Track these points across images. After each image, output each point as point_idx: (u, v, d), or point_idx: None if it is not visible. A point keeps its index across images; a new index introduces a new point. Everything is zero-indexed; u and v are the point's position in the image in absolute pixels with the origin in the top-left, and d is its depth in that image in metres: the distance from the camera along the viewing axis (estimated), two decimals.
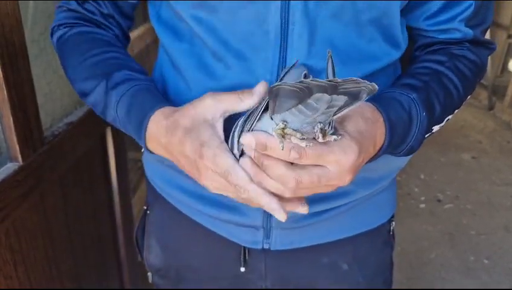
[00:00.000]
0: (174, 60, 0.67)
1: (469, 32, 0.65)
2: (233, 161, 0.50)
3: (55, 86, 1.00)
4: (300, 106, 0.40)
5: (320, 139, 0.44)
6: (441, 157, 3.24)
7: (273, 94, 0.41)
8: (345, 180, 0.49)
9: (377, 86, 0.39)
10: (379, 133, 0.54)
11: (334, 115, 0.42)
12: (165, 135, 0.55)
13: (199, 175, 0.53)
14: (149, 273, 0.89)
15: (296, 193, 0.49)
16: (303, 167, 0.47)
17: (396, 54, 0.64)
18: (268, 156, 0.47)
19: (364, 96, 0.39)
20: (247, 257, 0.76)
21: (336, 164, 0.47)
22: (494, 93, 3.99)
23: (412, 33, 0.69)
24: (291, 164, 0.48)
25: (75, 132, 1.03)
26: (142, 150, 0.82)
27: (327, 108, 0.39)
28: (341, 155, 0.47)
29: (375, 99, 0.58)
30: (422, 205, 2.68)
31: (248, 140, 0.47)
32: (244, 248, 0.75)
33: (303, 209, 0.53)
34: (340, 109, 0.41)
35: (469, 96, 0.68)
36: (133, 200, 1.48)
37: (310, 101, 0.39)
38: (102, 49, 0.66)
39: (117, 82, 0.62)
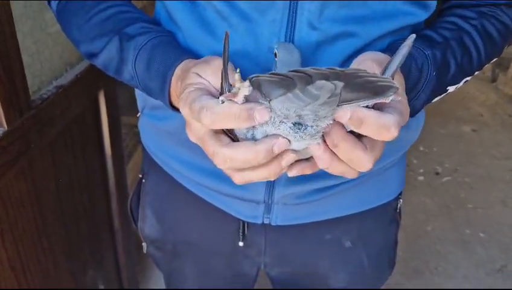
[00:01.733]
0: (172, 14, 0.61)
1: None
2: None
3: (43, 46, 0.94)
4: (296, 91, 0.36)
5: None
6: (440, 129, 3.21)
7: (255, 85, 0.38)
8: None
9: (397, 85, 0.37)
10: None
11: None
12: (175, 85, 0.52)
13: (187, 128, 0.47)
14: (144, 244, 0.87)
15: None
16: (372, 145, 0.42)
17: (421, 14, 0.58)
18: (346, 140, 0.41)
19: (391, 95, 0.37)
20: (246, 232, 0.73)
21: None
22: (498, 65, 3.92)
23: None
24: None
25: (65, 95, 0.98)
26: (138, 115, 0.78)
27: (330, 97, 0.36)
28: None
29: (392, 51, 0.53)
30: (421, 178, 2.66)
31: (342, 113, 0.39)
32: (243, 222, 0.72)
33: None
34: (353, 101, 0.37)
35: (494, 60, 0.64)
36: (127, 167, 1.45)
37: (309, 88, 0.35)
38: (110, 3, 0.60)
39: (133, 35, 0.57)
